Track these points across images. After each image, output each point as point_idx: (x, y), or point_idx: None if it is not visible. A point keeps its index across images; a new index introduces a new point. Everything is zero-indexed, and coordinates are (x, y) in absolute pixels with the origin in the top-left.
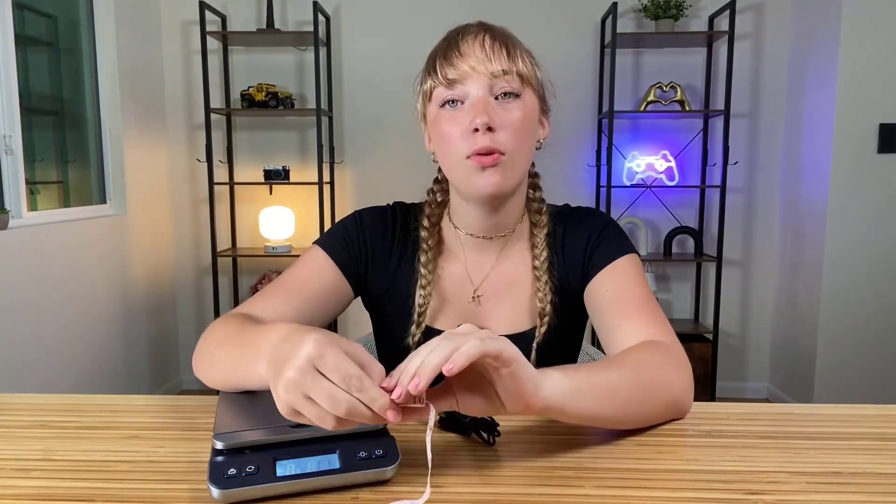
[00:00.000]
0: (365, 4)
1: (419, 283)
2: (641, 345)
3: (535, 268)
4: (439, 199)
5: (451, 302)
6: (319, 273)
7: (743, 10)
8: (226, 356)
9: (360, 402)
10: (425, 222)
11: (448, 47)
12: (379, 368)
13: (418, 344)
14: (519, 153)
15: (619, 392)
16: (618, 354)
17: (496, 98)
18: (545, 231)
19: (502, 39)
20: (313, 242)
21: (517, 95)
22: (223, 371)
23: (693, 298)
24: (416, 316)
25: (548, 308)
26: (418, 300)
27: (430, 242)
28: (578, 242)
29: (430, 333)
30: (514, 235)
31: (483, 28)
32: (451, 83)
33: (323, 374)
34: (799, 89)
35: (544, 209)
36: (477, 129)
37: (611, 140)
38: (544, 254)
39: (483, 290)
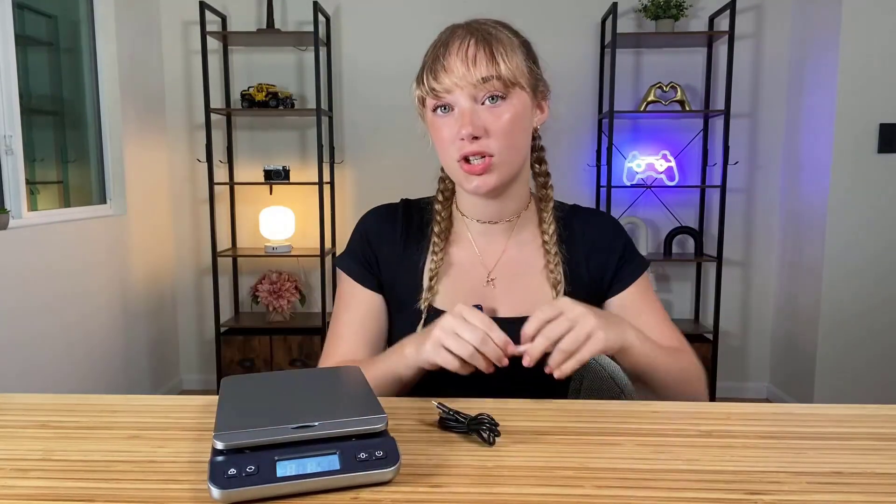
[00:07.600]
0: (365, 4)
1: (431, 249)
2: (677, 348)
3: (544, 242)
4: (447, 183)
5: (463, 286)
6: (357, 304)
7: (743, 10)
8: (368, 371)
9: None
10: (440, 196)
11: (434, 60)
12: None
13: (428, 310)
14: (510, 152)
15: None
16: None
17: (483, 103)
18: (551, 205)
19: (486, 42)
20: (335, 264)
21: (503, 97)
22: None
23: (693, 298)
24: (426, 280)
25: (560, 276)
26: (430, 265)
27: (443, 214)
28: (597, 245)
29: (436, 312)
30: (521, 221)
31: (468, 32)
32: (437, 95)
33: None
34: (799, 89)
35: (549, 182)
36: (463, 139)
37: (611, 140)
38: (552, 227)
39: (496, 274)
